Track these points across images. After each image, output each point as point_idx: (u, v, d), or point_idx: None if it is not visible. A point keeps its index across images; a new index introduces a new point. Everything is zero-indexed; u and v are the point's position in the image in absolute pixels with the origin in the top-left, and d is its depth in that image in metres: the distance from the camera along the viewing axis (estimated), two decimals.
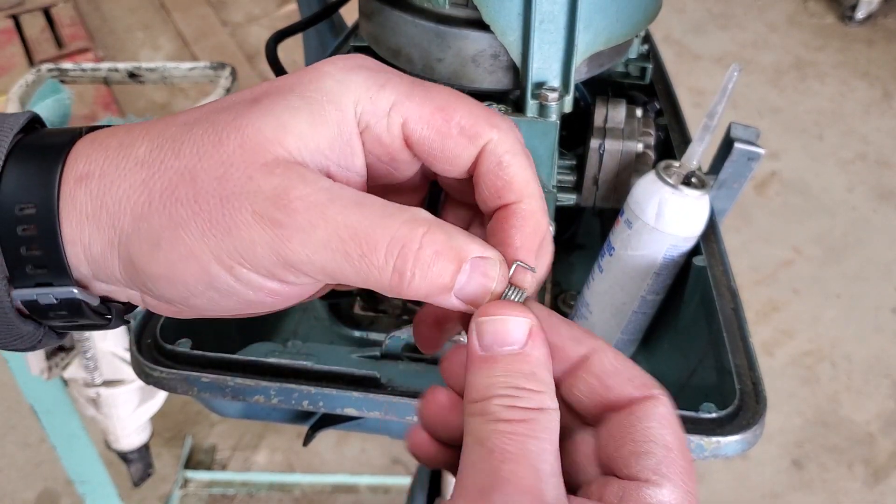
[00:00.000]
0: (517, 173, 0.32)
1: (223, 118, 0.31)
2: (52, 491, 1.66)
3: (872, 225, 2.30)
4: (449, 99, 0.32)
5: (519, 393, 0.28)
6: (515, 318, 0.30)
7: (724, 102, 0.60)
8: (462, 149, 0.32)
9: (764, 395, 0.53)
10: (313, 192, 0.29)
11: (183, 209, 0.29)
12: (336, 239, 0.29)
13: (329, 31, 1.11)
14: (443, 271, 0.29)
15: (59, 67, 1.13)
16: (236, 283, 0.30)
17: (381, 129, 0.31)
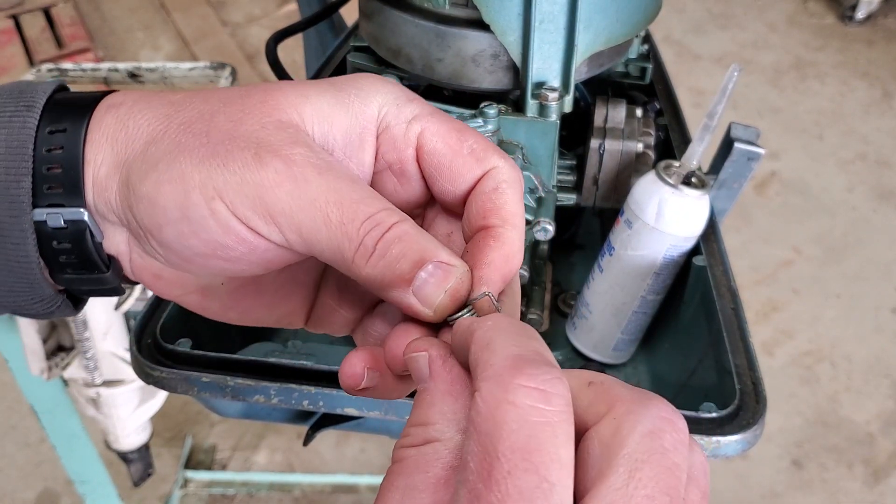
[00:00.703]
0: (509, 201, 0.33)
1: (260, 85, 0.33)
2: (52, 491, 1.66)
3: (872, 225, 2.30)
4: (464, 126, 0.34)
5: (411, 430, 0.28)
6: (420, 355, 0.30)
7: (724, 102, 0.60)
8: (468, 169, 0.33)
9: (764, 395, 0.53)
10: (315, 156, 0.31)
11: (192, 139, 0.31)
12: (322, 199, 0.30)
13: (329, 31, 1.11)
14: (404, 261, 0.30)
15: (59, 67, 1.13)
16: (209, 217, 0.30)
17: (399, 132, 0.33)
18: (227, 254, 0.32)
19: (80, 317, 0.94)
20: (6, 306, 0.34)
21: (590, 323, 0.70)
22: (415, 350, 0.30)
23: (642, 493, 0.24)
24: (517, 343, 0.26)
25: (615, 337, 0.69)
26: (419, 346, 0.30)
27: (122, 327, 0.99)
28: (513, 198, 0.33)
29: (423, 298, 0.30)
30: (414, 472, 0.27)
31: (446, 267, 0.30)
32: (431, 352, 0.29)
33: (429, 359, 0.29)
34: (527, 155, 0.64)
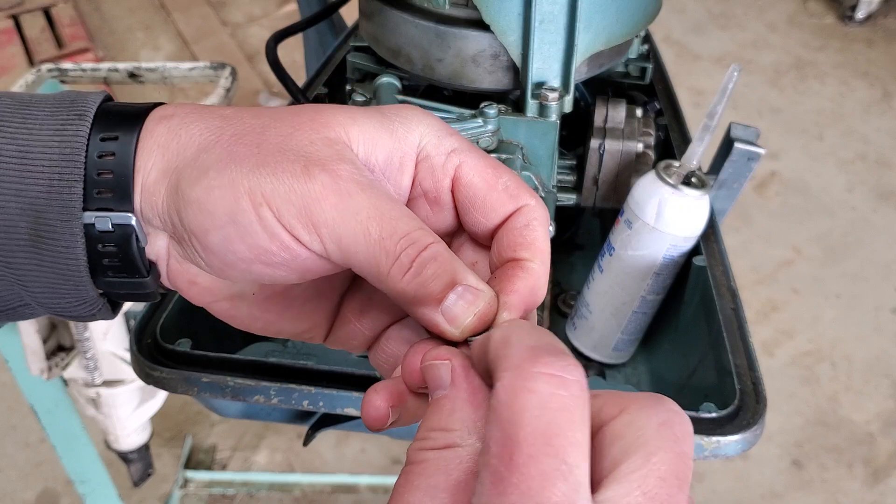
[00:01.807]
0: (539, 238, 0.35)
1: (310, 105, 0.36)
2: (52, 491, 1.66)
3: (872, 225, 2.30)
4: (500, 163, 0.36)
5: (430, 434, 0.29)
6: (443, 363, 0.31)
7: (723, 102, 0.60)
8: (501, 204, 0.35)
9: (764, 395, 0.53)
10: (359, 174, 0.32)
11: (243, 149, 0.33)
12: (364, 214, 0.31)
13: (329, 31, 1.11)
14: (437, 280, 0.31)
15: (59, 67, 1.13)
16: (256, 223, 0.32)
17: (439, 163, 0.35)
18: (270, 259, 0.33)
19: None
20: (50, 307, 0.35)
21: (590, 323, 0.70)
22: (437, 358, 0.31)
23: (656, 475, 0.25)
24: (534, 337, 0.27)
25: (615, 337, 0.69)
26: (442, 355, 0.31)
27: (122, 327, 0.99)
28: (542, 235, 0.35)
29: (450, 318, 0.32)
30: (435, 473, 0.28)
31: (475, 291, 0.32)
32: (454, 360, 0.31)
33: (451, 367, 0.30)
34: (527, 155, 0.64)
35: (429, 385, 0.31)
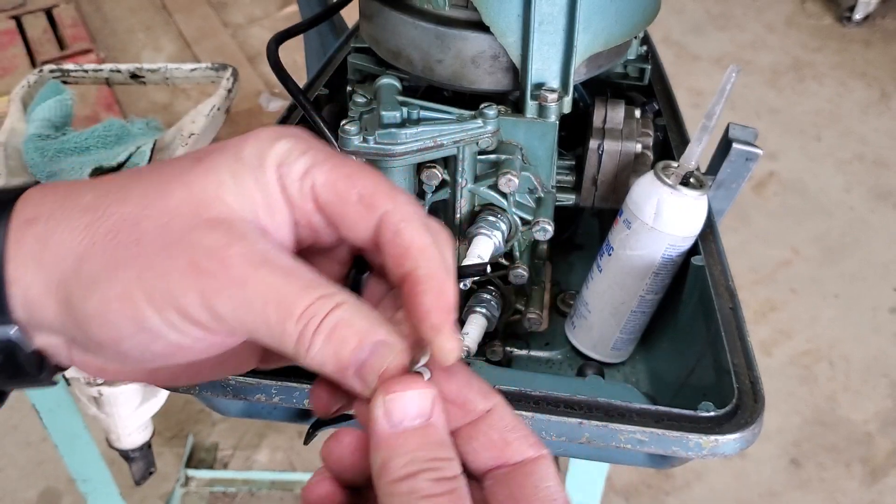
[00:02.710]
0: (414, 239, 0.33)
1: (170, 172, 0.33)
2: (54, 490, 1.67)
3: (870, 225, 2.30)
4: (357, 170, 0.34)
5: (440, 464, 0.30)
6: (421, 391, 0.31)
7: (722, 103, 0.61)
8: (360, 216, 0.34)
9: (762, 394, 0.53)
10: (249, 252, 0.31)
11: (124, 251, 0.31)
12: (260, 301, 0.31)
13: (330, 32, 1.11)
14: (341, 346, 0.31)
15: (61, 68, 1.14)
16: (165, 326, 0.31)
17: (295, 190, 0.34)
18: (192, 349, 0.33)
19: None
20: None
21: (589, 322, 0.70)
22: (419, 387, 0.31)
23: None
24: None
25: (614, 336, 0.69)
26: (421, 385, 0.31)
27: None
28: (416, 233, 0.33)
29: (364, 379, 0.31)
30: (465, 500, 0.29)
31: (383, 348, 0.31)
32: (434, 391, 0.32)
33: (433, 398, 0.31)
34: (526, 155, 0.65)
35: (396, 415, 0.31)
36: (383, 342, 0.31)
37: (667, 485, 1.71)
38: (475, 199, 0.66)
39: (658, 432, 0.51)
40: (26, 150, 0.99)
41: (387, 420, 0.31)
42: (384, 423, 0.31)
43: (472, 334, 0.66)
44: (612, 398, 0.52)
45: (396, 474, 0.30)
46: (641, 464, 0.59)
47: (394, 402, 0.31)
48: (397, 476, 0.30)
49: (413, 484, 0.29)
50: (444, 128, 0.59)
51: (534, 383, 0.53)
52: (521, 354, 0.74)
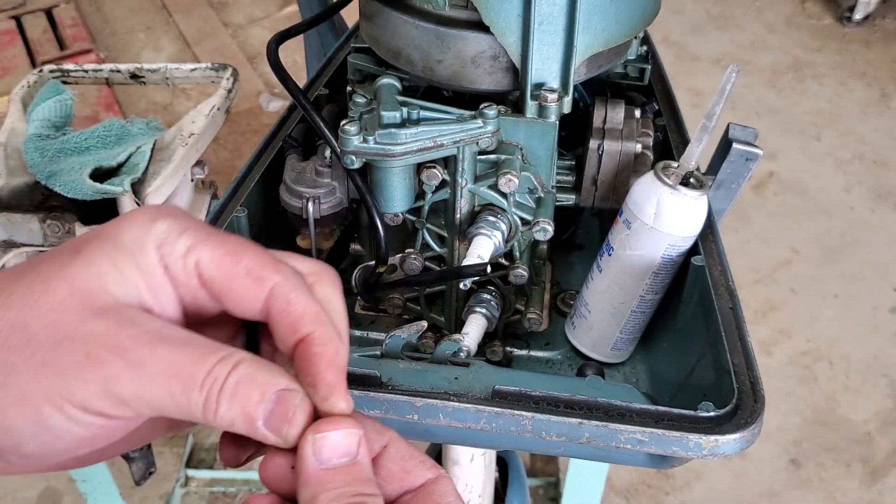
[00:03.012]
0: (307, 306, 0.34)
1: (48, 269, 0.33)
2: (54, 490, 1.67)
3: (870, 225, 2.30)
4: (241, 246, 0.35)
5: (366, 499, 0.32)
6: (349, 431, 0.33)
7: (722, 103, 0.61)
8: (248, 290, 0.34)
9: (762, 394, 0.53)
10: (142, 333, 0.32)
11: (16, 355, 0.31)
12: (162, 376, 0.31)
13: (330, 32, 1.11)
14: (247, 401, 0.32)
15: (61, 68, 1.14)
16: (67, 422, 0.32)
17: (179, 269, 0.34)
18: (97, 439, 0.33)
19: None
20: None
21: (589, 322, 0.70)
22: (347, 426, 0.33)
23: None
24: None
25: (614, 336, 0.70)
26: (349, 424, 0.33)
27: None
28: (307, 301, 0.35)
29: (271, 428, 0.33)
30: None
31: (287, 395, 0.33)
32: (361, 431, 0.33)
33: (359, 438, 0.33)
34: (526, 155, 0.65)
35: (325, 452, 0.32)
36: (286, 389, 0.33)
37: (667, 485, 1.71)
38: (475, 199, 0.66)
39: (658, 432, 0.51)
40: (26, 150, 0.99)
41: (315, 457, 0.32)
42: (313, 461, 0.32)
43: (472, 334, 0.66)
44: (612, 398, 0.52)
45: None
46: (641, 464, 0.59)
47: (323, 441, 0.32)
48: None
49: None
50: (444, 128, 0.59)
51: (534, 383, 0.53)
52: (521, 354, 0.74)
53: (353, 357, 0.57)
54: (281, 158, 0.73)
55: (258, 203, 0.71)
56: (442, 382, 0.54)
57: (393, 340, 0.58)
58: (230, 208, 0.67)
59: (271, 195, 0.72)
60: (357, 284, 0.70)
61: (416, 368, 0.56)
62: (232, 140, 2.53)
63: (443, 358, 0.58)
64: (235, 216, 0.67)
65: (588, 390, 0.54)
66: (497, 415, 0.52)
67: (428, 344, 0.72)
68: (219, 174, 2.33)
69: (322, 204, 0.69)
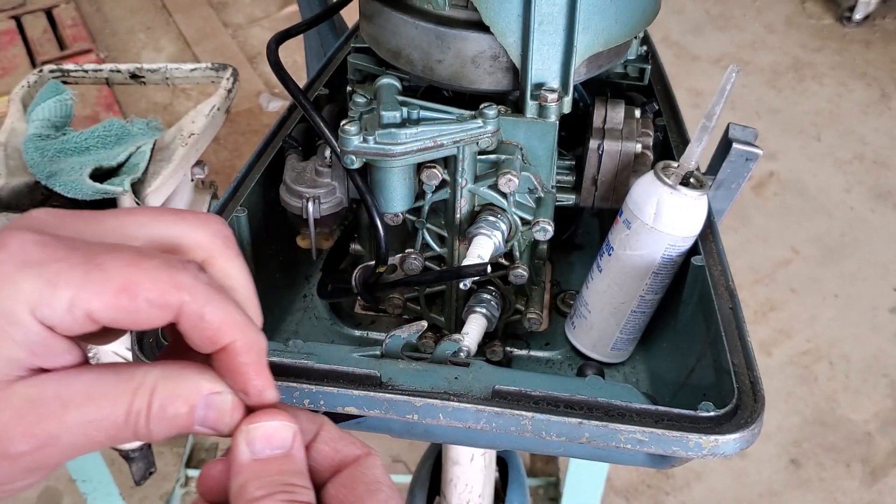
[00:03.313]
0: (222, 318, 0.33)
1: None
2: (54, 490, 1.67)
3: (870, 225, 2.30)
4: (129, 275, 0.31)
5: (294, 489, 0.32)
6: (283, 423, 0.33)
7: (722, 103, 0.61)
8: (156, 318, 0.32)
9: (762, 393, 0.53)
10: (43, 404, 0.31)
11: None
12: (80, 439, 0.31)
13: (330, 32, 1.11)
14: (176, 418, 0.32)
15: (61, 68, 1.14)
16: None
17: (68, 325, 0.31)
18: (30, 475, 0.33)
19: None
20: None
21: (589, 322, 0.70)
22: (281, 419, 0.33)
23: None
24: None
25: (614, 336, 0.70)
26: (283, 417, 0.33)
27: None
28: (222, 313, 0.33)
29: (209, 428, 0.33)
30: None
31: (216, 398, 0.33)
32: (296, 426, 0.34)
33: (294, 432, 0.33)
34: (526, 155, 0.65)
35: (259, 444, 0.33)
36: (211, 394, 0.33)
37: (667, 485, 1.71)
38: (475, 199, 0.66)
39: (658, 432, 0.51)
40: (26, 150, 0.99)
41: (248, 448, 0.33)
42: (245, 451, 0.33)
43: (472, 334, 0.66)
44: (612, 398, 0.52)
45: (252, 495, 0.31)
46: (641, 464, 0.59)
47: (256, 432, 0.33)
48: (252, 497, 0.31)
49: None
50: (444, 128, 0.59)
51: (534, 383, 0.53)
52: (521, 354, 0.74)
53: (353, 357, 0.57)
54: (281, 158, 0.73)
55: (258, 203, 0.71)
56: (442, 382, 0.54)
57: (393, 340, 0.58)
58: (230, 208, 0.67)
59: (271, 195, 0.72)
60: (357, 284, 0.70)
61: (416, 368, 0.56)
62: (232, 140, 2.53)
63: (443, 358, 0.58)
64: (235, 216, 0.67)
65: (588, 390, 0.54)
66: (497, 415, 0.52)
67: (428, 344, 0.72)
68: (219, 174, 2.33)
69: (322, 204, 0.69)
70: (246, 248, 0.69)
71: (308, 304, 0.77)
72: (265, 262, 0.73)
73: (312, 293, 0.78)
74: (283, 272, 0.77)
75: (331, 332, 0.75)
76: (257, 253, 0.70)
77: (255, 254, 0.70)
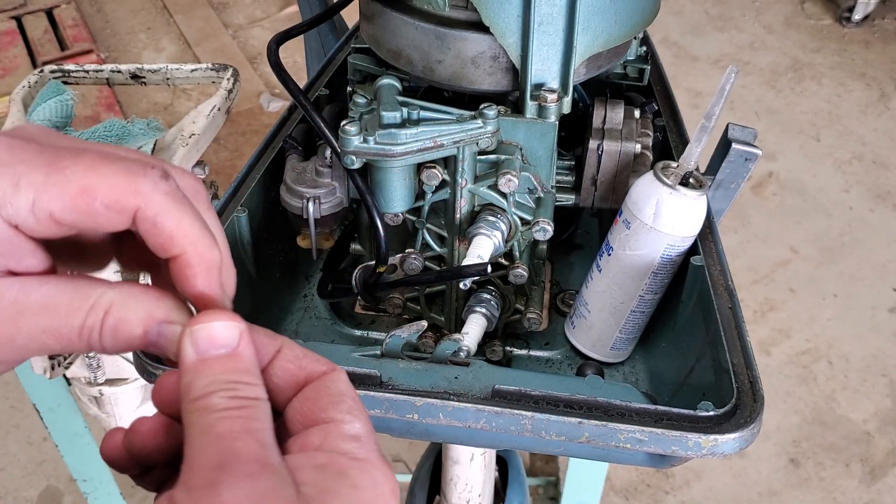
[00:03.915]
0: (174, 229, 0.34)
1: None
2: (55, 489, 1.67)
3: (869, 225, 2.31)
4: (87, 179, 0.32)
5: (238, 386, 0.32)
6: (228, 323, 0.33)
7: (721, 104, 0.61)
8: (115, 222, 0.33)
9: (761, 393, 0.54)
10: (10, 293, 0.32)
11: None
12: (34, 343, 0.33)
13: (330, 32, 1.11)
14: (131, 340, 0.33)
15: (61, 69, 1.14)
16: None
17: (31, 225, 0.32)
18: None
19: None
20: None
21: (588, 322, 0.70)
22: (226, 319, 0.33)
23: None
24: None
25: (613, 336, 0.70)
26: (228, 317, 0.34)
27: None
28: (174, 221, 0.34)
29: (161, 352, 0.34)
30: (260, 418, 0.32)
31: (166, 326, 0.34)
32: (242, 325, 0.34)
33: (241, 330, 0.33)
34: (526, 156, 0.65)
35: (202, 344, 0.33)
36: (164, 320, 0.34)
37: (666, 484, 1.71)
38: (475, 199, 0.66)
39: (657, 432, 0.51)
40: None
41: (194, 349, 0.33)
42: (190, 352, 0.33)
43: (472, 334, 0.66)
44: (611, 398, 0.52)
45: (196, 393, 0.32)
46: (641, 463, 0.59)
47: (200, 333, 0.33)
48: (196, 395, 0.32)
49: (209, 401, 0.31)
50: (444, 128, 0.60)
51: (533, 383, 0.54)
52: (521, 354, 0.74)
53: (353, 357, 0.57)
54: (281, 158, 0.73)
55: (258, 203, 0.71)
56: (442, 382, 0.54)
57: (393, 340, 0.58)
58: (230, 208, 0.67)
59: (272, 195, 0.72)
60: (357, 284, 0.70)
61: (416, 368, 0.56)
62: (232, 140, 2.53)
63: (443, 357, 0.58)
64: (236, 216, 0.67)
65: (588, 390, 0.54)
66: (497, 414, 0.52)
67: (428, 344, 0.72)
68: (219, 174, 2.34)
69: (322, 204, 0.69)
70: (246, 248, 0.69)
71: (308, 304, 0.77)
72: (265, 262, 0.73)
73: (313, 293, 0.78)
74: (284, 272, 0.77)
75: (331, 331, 0.76)
76: (258, 253, 0.71)
77: (255, 254, 0.70)
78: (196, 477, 0.30)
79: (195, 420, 0.31)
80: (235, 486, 0.29)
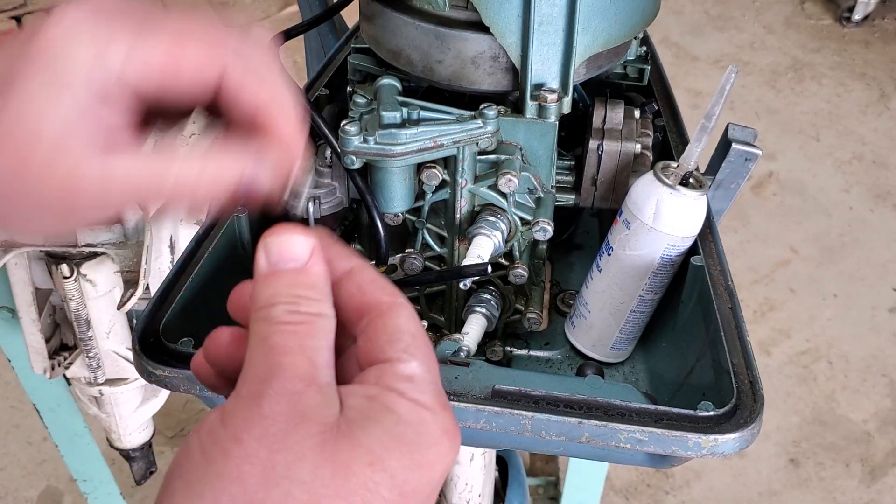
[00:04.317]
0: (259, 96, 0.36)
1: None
2: (55, 489, 1.67)
3: (869, 225, 2.31)
4: (179, 35, 0.35)
5: (300, 301, 0.32)
6: (300, 237, 0.34)
7: (721, 104, 0.61)
8: (198, 87, 0.36)
9: (761, 393, 0.53)
10: (97, 172, 0.34)
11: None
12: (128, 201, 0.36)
13: (330, 32, 1.11)
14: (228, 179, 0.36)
15: None
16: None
17: (118, 93, 0.34)
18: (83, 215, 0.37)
19: (83, 316, 0.94)
20: None
21: (588, 322, 0.70)
22: (299, 234, 0.34)
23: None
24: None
25: (613, 336, 0.70)
26: (302, 231, 0.34)
27: (125, 326, 1.00)
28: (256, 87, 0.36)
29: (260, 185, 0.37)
30: (318, 335, 0.32)
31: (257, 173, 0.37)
32: (314, 241, 0.34)
33: (313, 246, 0.34)
34: (526, 156, 0.65)
35: (274, 256, 0.33)
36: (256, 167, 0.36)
37: (666, 484, 1.71)
38: (475, 199, 0.66)
39: (657, 432, 0.51)
40: None
41: (266, 260, 0.33)
42: (263, 263, 0.33)
43: (472, 334, 0.66)
44: (611, 398, 0.52)
45: (261, 303, 0.32)
46: (641, 463, 0.59)
47: (273, 245, 0.34)
48: (261, 304, 0.32)
49: (270, 312, 0.32)
50: (444, 128, 0.60)
51: (533, 383, 0.54)
52: (521, 354, 0.74)
53: None
54: None
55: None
56: (442, 382, 0.54)
57: None
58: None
59: None
60: None
61: None
62: None
63: (443, 357, 0.58)
64: (236, 216, 0.67)
65: (588, 390, 0.54)
66: (497, 414, 0.52)
67: None
68: None
69: (322, 204, 0.69)
70: (246, 248, 0.69)
71: None
72: None
73: None
74: None
75: None
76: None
77: (255, 254, 0.70)
78: (245, 385, 0.30)
79: (255, 329, 0.32)
80: (276, 401, 0.29)
